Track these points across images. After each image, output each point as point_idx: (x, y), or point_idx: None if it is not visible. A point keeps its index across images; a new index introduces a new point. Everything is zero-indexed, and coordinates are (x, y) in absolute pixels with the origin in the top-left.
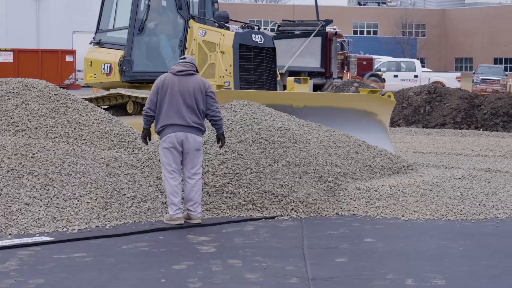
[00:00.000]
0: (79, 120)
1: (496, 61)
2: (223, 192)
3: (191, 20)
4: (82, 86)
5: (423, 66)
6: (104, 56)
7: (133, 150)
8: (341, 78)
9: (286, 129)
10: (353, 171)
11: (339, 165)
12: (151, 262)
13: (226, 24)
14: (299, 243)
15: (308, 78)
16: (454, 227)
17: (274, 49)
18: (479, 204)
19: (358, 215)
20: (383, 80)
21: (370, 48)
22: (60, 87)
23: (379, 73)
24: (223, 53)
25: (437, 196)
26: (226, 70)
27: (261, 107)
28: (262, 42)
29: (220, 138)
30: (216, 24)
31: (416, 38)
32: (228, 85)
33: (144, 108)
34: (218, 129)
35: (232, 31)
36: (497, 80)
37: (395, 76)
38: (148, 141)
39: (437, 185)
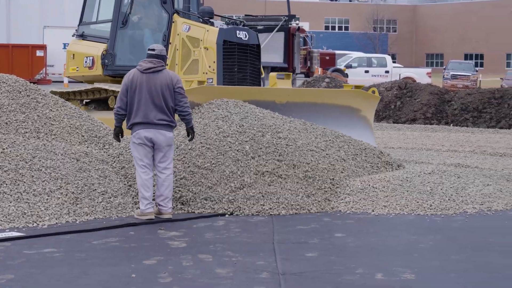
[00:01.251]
0: (49, 115)
1: (467, 57)
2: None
3: (175, 15)
4: (53, 81)
5: (394, 62)
6: (87, 49)
7: (104, 145)
8: (303, 73)
9: (276, 131)
10: (338, 168)
11: (324, 163)
12: (121, 257)
13: (210, 20)
14: (270, 238)
15: (291, 73)
16: (423, 222)
17: (258, 46)
18: (449, 199)
19: (328, 210)
20: (346, 75)
21: (341, 44)
22: (31, 82)
23: (342, 68)
24: (207, 49)
25: (407, 191)
26: (209, 66)
27: (239, 103)
28: (246, 39)
29: (190, 132)
30: (201, 20)
31: (387, 34)
32: (211, 82)
33: (115, 106)
34: (187, 124)
35: (217, 27)
36: (468, 75)
37: (366, 71)
38: (120, 138)
39: (407, 180)
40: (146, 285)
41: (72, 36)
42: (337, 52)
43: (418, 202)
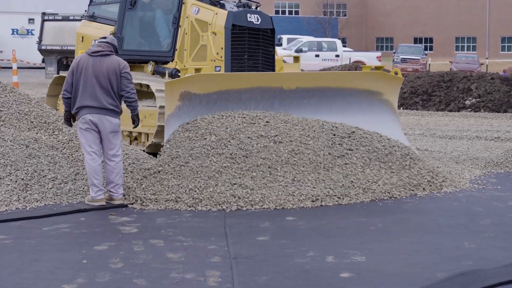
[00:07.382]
0: None
1: (416, 40)
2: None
3: None
4: (2, 67)
5: (344, 46)
6: (95, 31)
7: (54, 132)
8: None
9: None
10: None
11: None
12: (72, 244)
13: (220, 2)
14: (221, 222)
15: (299, 56)
16: (374, 204)
17: (272, 30)
18: None
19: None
20: None
21: (291, 28)
22: None
23: None
24: (215, 34)
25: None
26: (217, 53)
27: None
28: (258, 23)
29: (134, 120)
30: (211, 1)
31: (337, 18)
32: (219, 71)
33: (62, 90)
34: (132, 111)
35: (227, 9)
36: (417, 59)
37: (317, 55)
38: (72, 123)
39: None
40: (97, 271)
41: (82, 18)
42: (288, 36)
43: None
